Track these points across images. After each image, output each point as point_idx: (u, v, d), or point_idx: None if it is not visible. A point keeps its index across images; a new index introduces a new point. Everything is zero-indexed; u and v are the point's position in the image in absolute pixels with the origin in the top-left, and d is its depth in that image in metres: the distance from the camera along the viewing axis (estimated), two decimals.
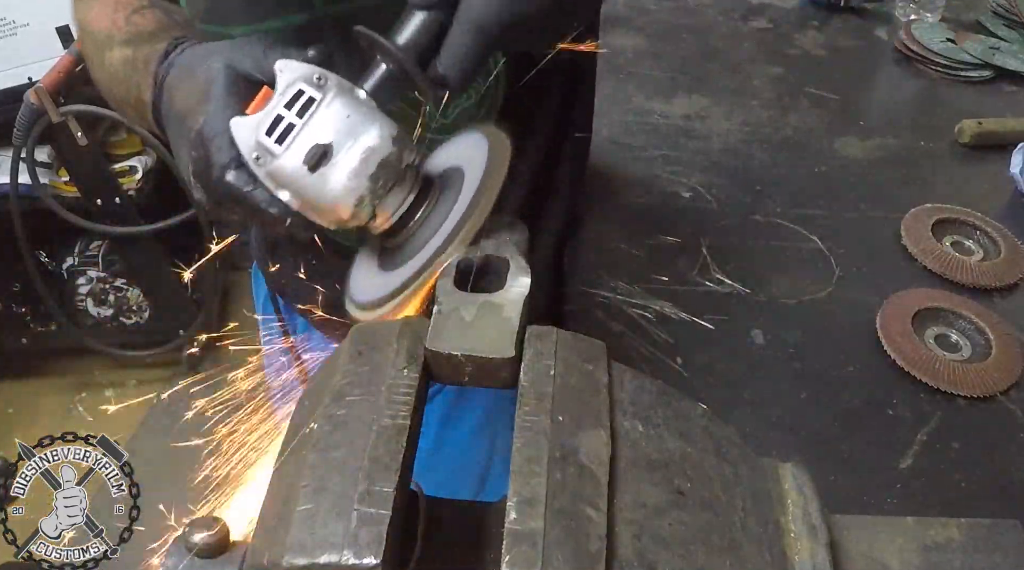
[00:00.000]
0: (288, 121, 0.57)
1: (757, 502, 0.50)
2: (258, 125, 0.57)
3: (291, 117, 0.57)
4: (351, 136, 0.57)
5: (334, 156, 0.56)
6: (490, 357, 0.49)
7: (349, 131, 0.57)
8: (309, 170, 0.56)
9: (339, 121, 0.57)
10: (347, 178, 0.57)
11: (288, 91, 0.58)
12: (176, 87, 0.67)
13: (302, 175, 0.57)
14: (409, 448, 0.45)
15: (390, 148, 0.58)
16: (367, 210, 0.58)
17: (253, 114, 0.58)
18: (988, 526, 0.54)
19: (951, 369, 1.03)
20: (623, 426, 0.47)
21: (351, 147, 0.57)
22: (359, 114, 0.58)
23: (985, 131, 1.46)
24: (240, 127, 0.58)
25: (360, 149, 0.57)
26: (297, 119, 0.57)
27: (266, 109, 0.58)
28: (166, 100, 0.68)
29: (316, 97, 0.57)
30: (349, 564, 0.40)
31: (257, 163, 0.58)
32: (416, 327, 0.51)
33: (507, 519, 0.41)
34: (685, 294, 1.14)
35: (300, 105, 0.57)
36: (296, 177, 0.57)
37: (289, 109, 0.57)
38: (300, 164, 0.56)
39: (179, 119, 0.65)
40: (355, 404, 0.47)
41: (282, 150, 0.57)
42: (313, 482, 0.44)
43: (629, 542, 0.42)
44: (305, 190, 0.57)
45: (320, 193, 0.57)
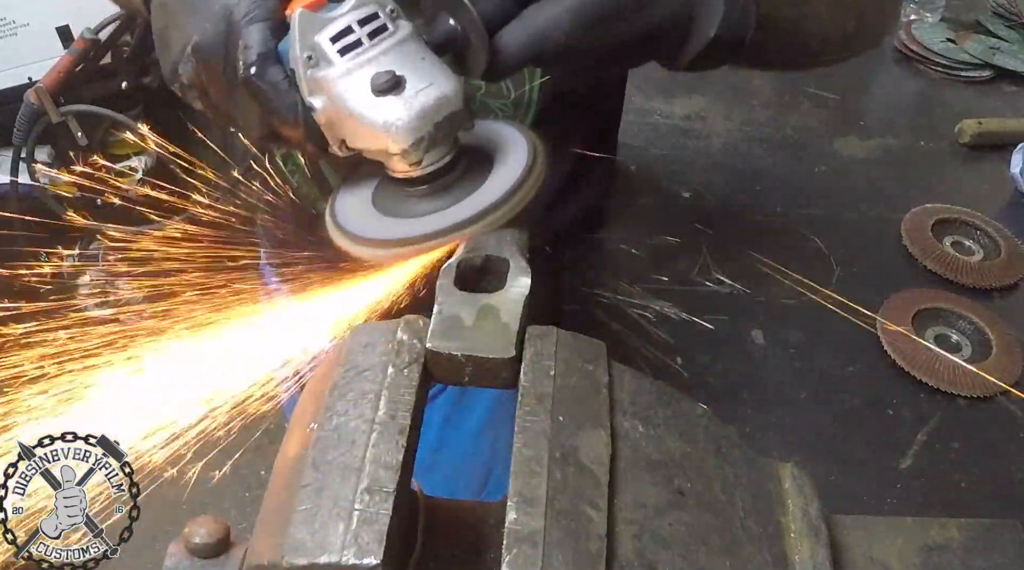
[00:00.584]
0: (358, 37, 0.55)
1: (757, 502, 0.50)
2: (324, 25, 0.55)
3: (362, 34, 0.55)
4: (428, 78, 0.55)
5: (406, 90, 0.55)
6: (490, 357, 0.49)
7: (425, 73, 0.56)
8: (374, 92, 0.54)
9: (415, 60, 0.56)
10: (417, 115, 0.55)
11: (362, 8, 0.55)
12: None
13: (361, 94, 0.55)
14: (409, 448, 0.45)
15: (461, 104, 0.57)
16: (418, 153, 0.56)
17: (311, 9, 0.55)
18: (988, 526, 0.54)
19: (951, 369, 1.03)
20: (623, 426, 0.47)
21: (426, 88, 0.55)
22: (434, 62, 0.57)
23: (985, 131, 1.46)
24: (305, 20, 0.55)
25: (437, 93, 0.55)
26: (368, 39, 0.55)
27: (336, 13, 0.55)
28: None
29: (390, 27, 0.56)
30: (349, 564, 0.40)
31: (308, 63, 0.55)
32: (416, 327, 0.51)
33: (507, 519, 0.41)
34: (685, 294, 1.14)
35: (373, 27, 0.55)
36: (353, 93, 0.55)
37: (361, 26, 0.55)
38: (365, 82, 0.54)
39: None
40: (355, 404, 0.47)
41: (344, 62, 0.55)
42: (313, 482, 0.44)
43: (629, 542, 0.42)
44: (359, 110, 0.55)
45: (378, 119, 0.55)
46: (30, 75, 2.10)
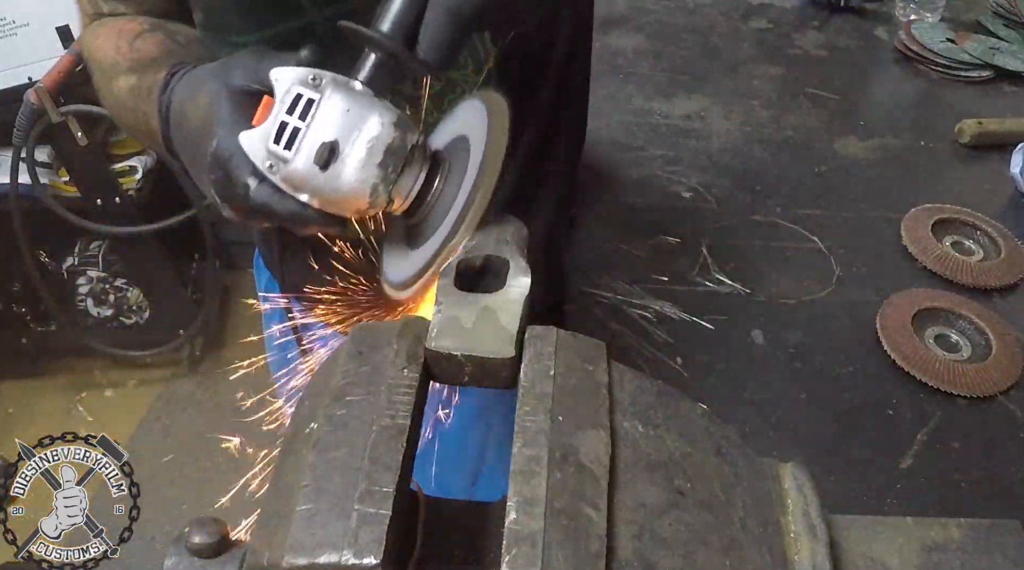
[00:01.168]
0: (293, 126, 0.59)
1: (757, 502, 0.50)
2: (266, 135, 0.59)
3: (295, 121, 0.59)
4: (354, 129, 0.58)
5: (341, 151, 0.58)
6: (490, 357, 0.49)
7: (351, 124, 0.58)
8: (320, 169, 0.58)
9: (340, 116, 0.59)
10: (357, 170, 0.58)
11: (287, 97, 0.59)
12: (181, 114, 0.69)
13: (315, 175, 0.58)
14: (409, 448, 0.45)
15: (393, 133, 0.59)
16: (383, 197, 0.60)
17: (259, 125, 0.60)
18: (988, 526, 0.54)
19: (951, 369, 1.03)
20: (623, 426, 0.47)
21: (356, 139, 0.58)
22: (358, 106, 0.59)
23: (985, 131, 1.46)
24: (249, 141, 0.60)
25: (365, 140, 0.58)
26: (300, 122, 0.58)
27: (270, 118, 0.59)
28: (174, 128, 0.70)
29: (314, 97, 0.59)
30: (349, 564, 0.40)
31: (271, 171, 0.59)
32: (416, 327, 0.51)
33: (507, 519, 0.41)
34: (685, 294, 1.14)
35: (301, 108, 0.59)
36: (310, 177, 0.59)
37: (291, 114, 0.59)
38: (311, 164, 0.58)
39: (192, 144, 0.67)
40: (355, 404, 0.47)
41: (292, 154, 0.59)
42: (313, 482, 0.44)
43: (629, 542, 0.42)
44: (321, 188, 0.59)
45: (336, 188, 0.59)
46: (30, 75, 2.10)
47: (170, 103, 0.70)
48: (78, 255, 2.48)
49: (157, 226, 2.22)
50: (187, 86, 0.69)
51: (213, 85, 0.64)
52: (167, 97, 0.71)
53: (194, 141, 0.66)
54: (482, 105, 0.65)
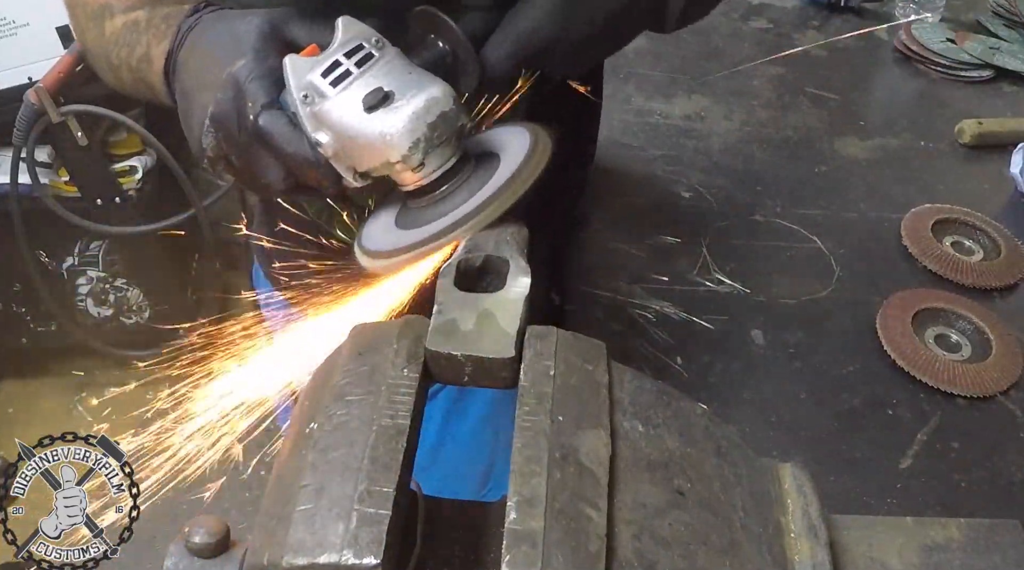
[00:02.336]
0: (346, 68, 0.58)
1: (757, 502, 0.50)
2: (314, 65, 0.59)
3: (349, 65, 0.59)
4: (415, 86, 0.59)
5: (395, 101, 0.58)
6: (490, 357, 0.49)
7: (412, 83, 0.59)
8: (366, 110, 0.58)
9: (402, 75, 0.59)
10: (408, 119, 0.58)
11: (348, 43, 0.59)
12: (203, 34, 0.66)
13: (355, 115, 0.58)
14: (409, 448, 0.45)
15: (451, 104, 0.59)
16: (418, 157, 0.59)
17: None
18: (988, 526, 0.54)
19: (951, 369, 1.03)
20: (623, 426, 0.47)
21: (415, 95, 0.58)
22: (421, 73, 0.60)
23: (985, 131, 1.46)
24: (294, 63, 0.59)
25: (425, 96, 0.58)
26: (355, 68, 0.58)
27: (324, 53, 0.59)
28: (187, 47, 0.67)
29: (375, 55, 0.59)
30: (349, 564, 0.40)
31: (305, 101, 0.59)
32: (416, 327, 0.51)
33: (507, 519, 0.41)
34: (685, 294, 1.14)
35: (359, 57, 0.59)
36: (348, 117, 0.58)
37: (348, 59, 0.59)
38: (357, 103, 0.58)
39: (202, 62, 0.64)
40: (355, 404, 0.47)
41: (336, 92, 0.58)
42: (313, 482, 0.44)
43: (629, 542, 0.42)
44: (354, 129, 0.58)
45: (371, 132, 0.58)
46: (30, 75, 2.10)
47: (193, 27, 0.68)
48: (78, 255, 2.47)
49: (157, 226, 2.22)
50: (218, 16, 0.67)
51: (259, 19, 0.62)
52: (193, 19, 0.68)
53: (208, 64, 0.64)
54: (525, 133, 0.65)
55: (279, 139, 0.59)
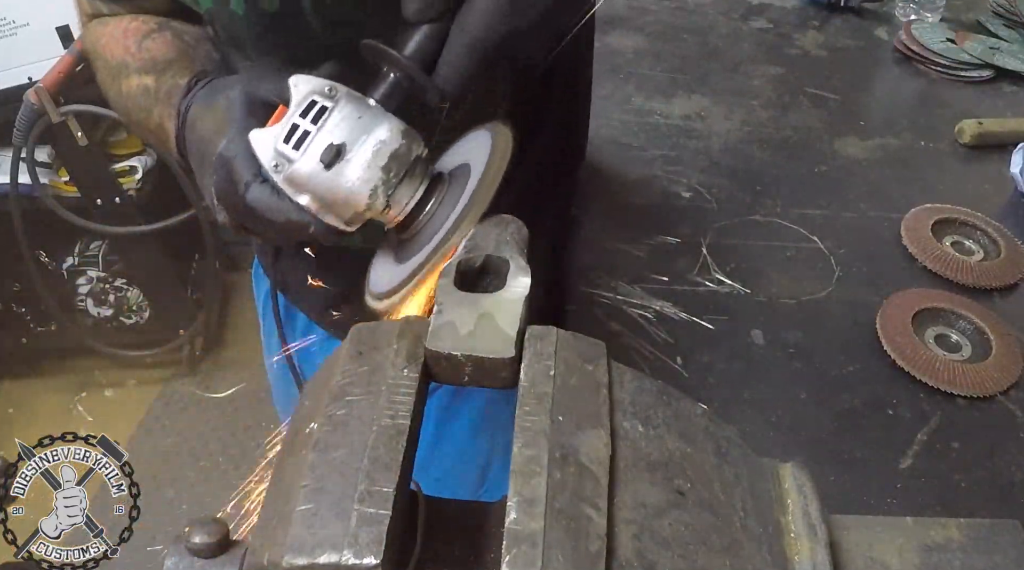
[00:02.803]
0: (303, 128, 0.61)
1: (757, 502, 0.50)
2: (276, 136, 0.62)
3: (306, 125, 0.61)
4: (363, 133, 0.61)
5: (348, 153, 0.61)
6: (490, 357, 0.49)
7: (361, 129, 0.61)
8: (324, 168, 0.60)
9: (351, 122, 0.61)
10: (361, 170, 0.60)
11: (303, 102, 0.62)
12: (197, 117, 0.70)
13: (318, 173, 0.60)
14: (409, 448, 0.45)
15: (400, 141, 0.61)
16: (381, 201, 0.61)
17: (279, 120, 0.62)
18: (988, 526, 0.54)
19: (951, 369, 1.03)
20: (623, 426, 0.47)
21: (363, 142, 0.61)
22: (369, 115, 0.62)
23: (985, 131, 1.46)
24: (259, 139, 0.62)
25: (372, 142, 0.61)
26: (312, 126, 0.61)
27: (282, 120, 0.62)
28: (188, 130, 0.71)
29: (328, 105, 0.61)
30: (349, 564, 0.40)
31: (276, 170, 0.61)
32: (416, 327, 0.51)
33: (507, 519, 0.41)
34: (685, 294, 1.14)
35: (314, 113, 0.61)
36: (313, 177, 0.61)
37: (304, 118, 0.61)
38: (316, 163, 0.60)
39: (202, 147, 0.68)
40: (355, 404, 0.47)
41: (299, 155, 0.61)
42: (313, 482, 0.44)
43: (629, 542, 0.42)
44: (322, 187, 0.61)
45: (336, 187, 0.61)
46: (30, 75, 2.10)
47: (190, 106, 0.72)
48: (78, 255, 2.48)
49: (157, 226, 2.23)
50: (208, 92, 0.71)
51: (234, 92, 0.66)
52: (188, 100, 0.72)
53: (205, 143, 0.67)
54: (487, 135, 0.67)
55: (267, 211, 0.62)
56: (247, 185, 0.62)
